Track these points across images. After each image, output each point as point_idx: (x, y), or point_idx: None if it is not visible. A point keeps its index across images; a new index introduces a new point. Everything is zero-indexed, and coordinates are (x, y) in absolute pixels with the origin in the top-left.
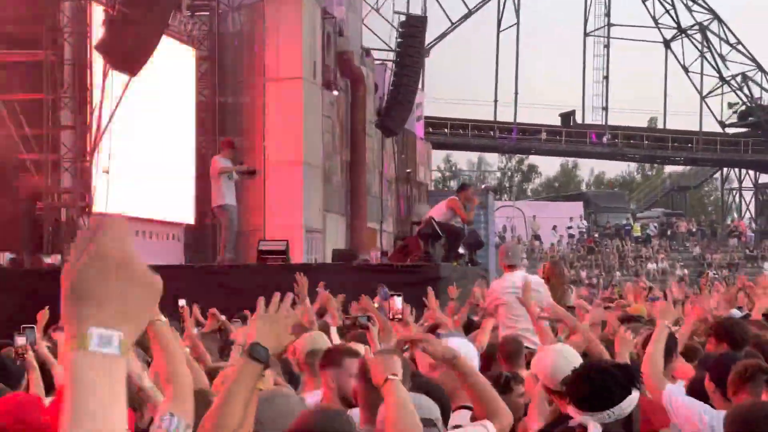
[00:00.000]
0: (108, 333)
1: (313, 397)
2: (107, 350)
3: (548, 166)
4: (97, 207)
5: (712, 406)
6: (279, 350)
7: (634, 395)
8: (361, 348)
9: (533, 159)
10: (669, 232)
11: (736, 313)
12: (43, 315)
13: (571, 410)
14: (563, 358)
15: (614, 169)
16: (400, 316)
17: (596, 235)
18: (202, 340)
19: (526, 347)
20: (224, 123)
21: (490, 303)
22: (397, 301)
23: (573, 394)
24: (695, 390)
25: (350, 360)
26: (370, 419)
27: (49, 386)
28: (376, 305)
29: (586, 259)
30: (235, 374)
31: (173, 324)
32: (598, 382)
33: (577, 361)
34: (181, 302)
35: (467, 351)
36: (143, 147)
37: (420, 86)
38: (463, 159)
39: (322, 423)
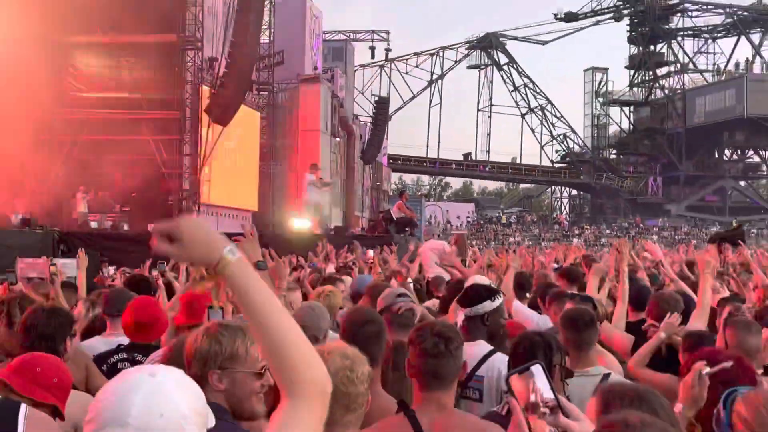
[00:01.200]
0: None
1: None
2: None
3: (456, 183)
4: (203, 199)
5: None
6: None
7: (487, 304)
8: None
9: (448, 179)
10: (521, 221)
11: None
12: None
13: (457, 308)
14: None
15: (493, 185)
16: (372, 262)
17: (482, 222)
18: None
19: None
20: (275, 155)
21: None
22: (370, 252)
23: (459, 300)
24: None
25: None
26: None
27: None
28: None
29: (475, 236)
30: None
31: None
32: (469, 290)
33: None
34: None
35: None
36: (229, 167)
37: (386, 136)
38: (409, 178)
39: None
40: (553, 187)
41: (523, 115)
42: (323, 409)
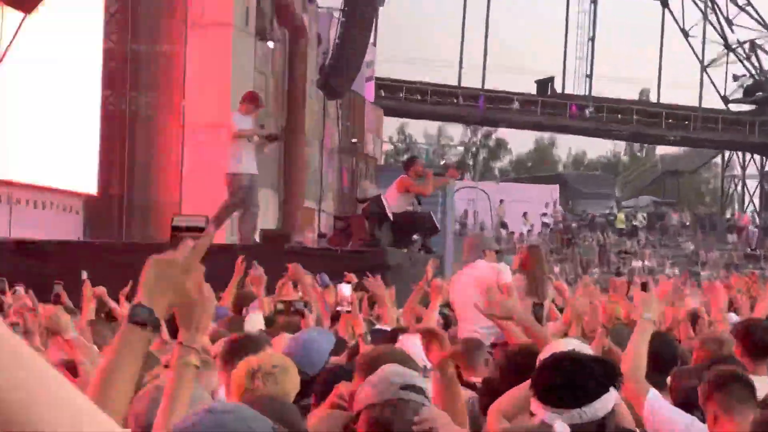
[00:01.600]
0: None
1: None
2: None
3: (520, 141)
4: None
5: (702, 420)
6: (174, 306)
7: (612, 395)
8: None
9: (503, 133)
10: (658, 225)
11: (732, 317)
12: None
13: (535, 406)
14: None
15: (597, 148)
16: (348, 308)
17: (574, 225)
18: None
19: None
20: (137, 76)
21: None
22: (344, 289)
23: (538, 386)
24: (680, 401)
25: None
26: None
27: None
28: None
29: (561, 253)
30: (115, 344)
31: (72, 305)
32: (570, 373)
33: None
34: (84, 274)
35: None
36: (38, 101)
37: (372, 41)
38: (420, 129)
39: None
40: (727, 154)
41: (665, 2)
42: None
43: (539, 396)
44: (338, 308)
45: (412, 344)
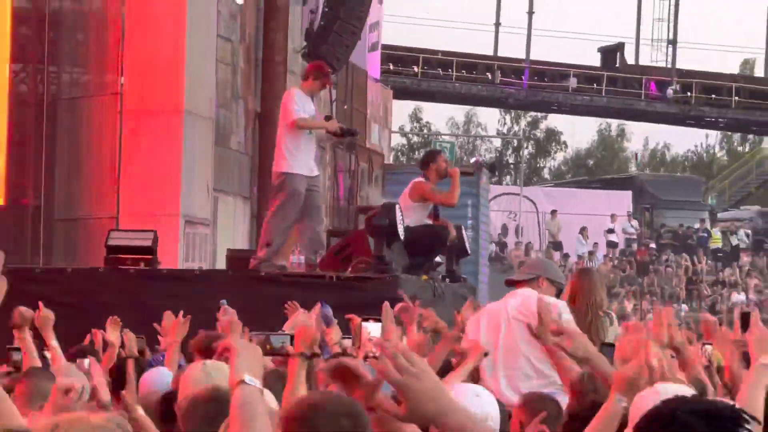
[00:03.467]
0: None
1: None
2: None
3: (579, 132)
4: None
5: None
6: None
7: None
8: None
9: (555, 120)
10: (767, 245)
11: None
12: None
13: None
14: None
15: (685, 141)
16: (377, 353)
17: (653, 246)
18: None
19: None
20: (57, 44)
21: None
22: (372, 329)
23: None
24: None
25: None
26: None
27: None
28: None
29: (636, 283)
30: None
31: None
32: (682, 422)
33: None
34: None
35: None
36: None
37: None
38: (443, 115)
39: None
40: None
41: None
42: None
43: None
44: (367, 352)
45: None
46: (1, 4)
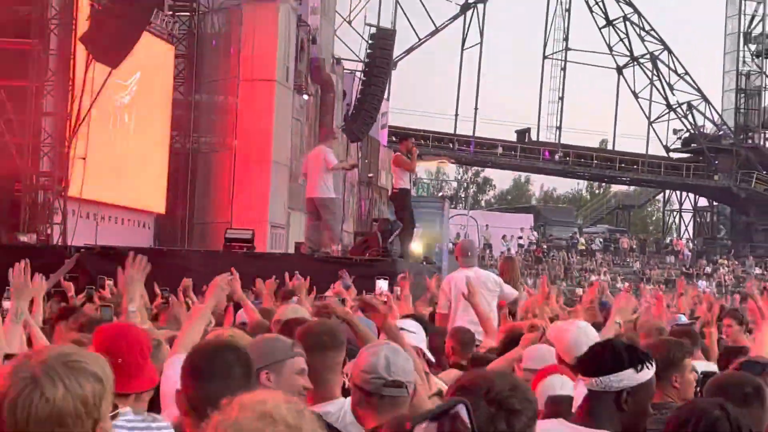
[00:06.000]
0: None
1: None
2: None
3: (502, 179)
4: (73, 191)
5: None
6: None
7: (627, 373)
8: None
9: (488, 172)
10: (612, 248)
11: (681, 318)
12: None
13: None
14: (584, 333)
15: (564, 186)
16: (384, 299)
17: (544, 247)
18: None
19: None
20: (198, 120)
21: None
22: (382, 284)
23: (578, 361)
24: None
25: None
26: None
27: None
28: (330, 294)
29: (534, 269)
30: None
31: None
32: (596, 350)
33: (595, 338)
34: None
35: (417, 331)
36: (120, 138)
37: (386, 96)
38: (423, 168)
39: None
40: (667, 192)
41: (620, 69)
42: None
43: (576, 367)
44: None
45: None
46: (166, 95)
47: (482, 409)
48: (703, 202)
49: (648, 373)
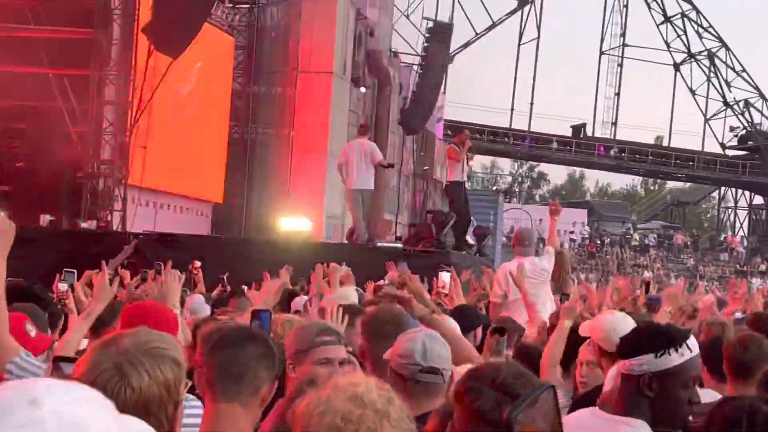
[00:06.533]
0: None
1: None
2: None
3: (557, 174)
4: (133, 179)
5: None
6: None
7: (646, 358)
8: None
9: (543, 167)
10: (666, 244)
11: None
12: (86, 274)
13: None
14: (623, 321)
15: (619, 182)
16: (446, 291)
17: (598, 242)
18: None
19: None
20: (256, 111)
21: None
22: (444, 276)
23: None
24: None
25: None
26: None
27: None
28: (387, 281)
29: (586, 263)
30: None
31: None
32: (634, 332)
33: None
34: (197, 263)
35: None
36: (180, 127)
37: (442, 90)
38: (478, 162)
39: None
40: (723, 189)
41: (677, 66)
42: None
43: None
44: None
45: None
46: (225, 86)
47: (488, 394)
48: (758, 199)
49: (672, 359)
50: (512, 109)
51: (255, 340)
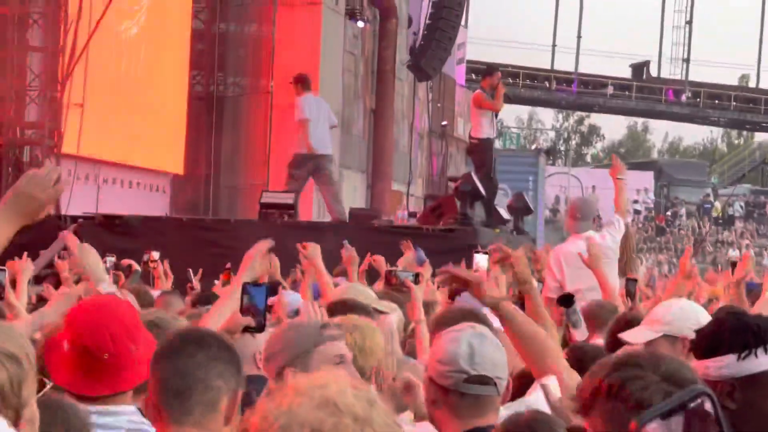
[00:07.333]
0: None
1: None
2: None
3: (614, 127)
4: (68, 147)
5: None
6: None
7: (727, 359)
8: None
9: (596, 118)
10: (756, 214)
11: None
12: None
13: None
14: (691, 306)
15: (694, 135)
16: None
17: (668, 213)
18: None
19: None
20: (224, 56)
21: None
22: (481, 260)
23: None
24: None
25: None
26: None
27: None
28: (399, 268)
29: (655, 242)
30: None
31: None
32: (712, 324)
33: (704, 313)
34: (154, 254)
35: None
36: (126, 79)
37: (463, 23)
38: (512, 114)
39: None
40: None
41: None
42: None
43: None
44: None
45: None
46: (183, 25)
47: (656, 386)
48: None
49: (760, 362)
50: (554, 45)
51: (202, 342)
